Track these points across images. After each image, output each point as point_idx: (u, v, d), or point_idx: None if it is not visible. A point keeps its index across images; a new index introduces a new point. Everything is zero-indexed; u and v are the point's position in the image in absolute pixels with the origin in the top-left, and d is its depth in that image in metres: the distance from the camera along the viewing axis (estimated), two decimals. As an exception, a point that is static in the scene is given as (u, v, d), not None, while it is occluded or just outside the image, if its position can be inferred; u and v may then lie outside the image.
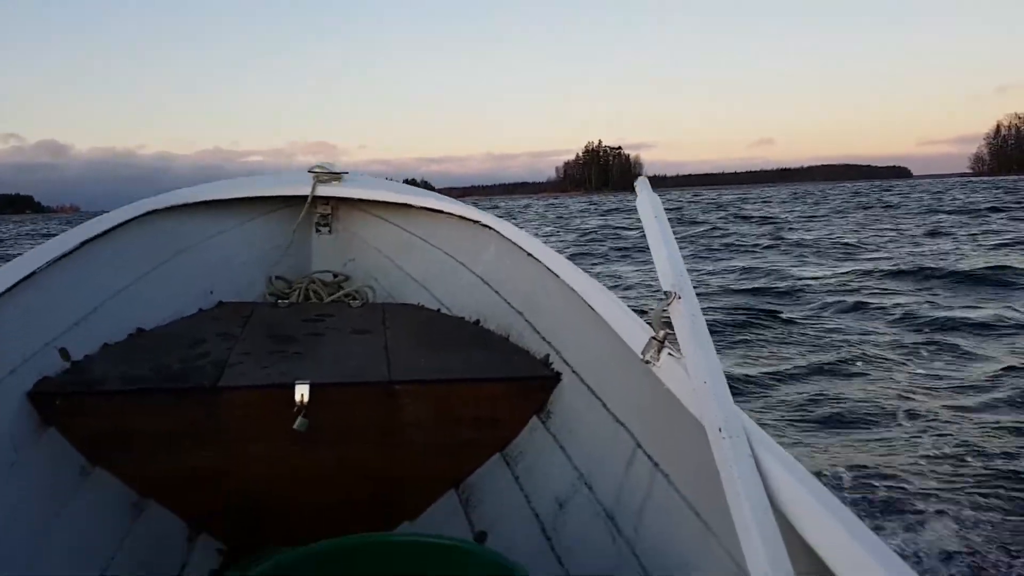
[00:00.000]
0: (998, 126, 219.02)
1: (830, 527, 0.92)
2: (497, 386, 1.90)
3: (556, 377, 1.91)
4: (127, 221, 2.35)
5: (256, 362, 1.93)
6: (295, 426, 1.75)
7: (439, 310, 2.60)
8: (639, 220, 1.58)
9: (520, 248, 2.32)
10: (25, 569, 1.41)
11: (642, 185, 1.59)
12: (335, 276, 2.87)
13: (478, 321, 2.40)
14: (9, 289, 1.73)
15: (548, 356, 1.99)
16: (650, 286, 9.32)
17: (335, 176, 2.90)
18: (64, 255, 1.99)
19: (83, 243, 2.10)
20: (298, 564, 1.27)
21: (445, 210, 2.75)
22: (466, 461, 1.94)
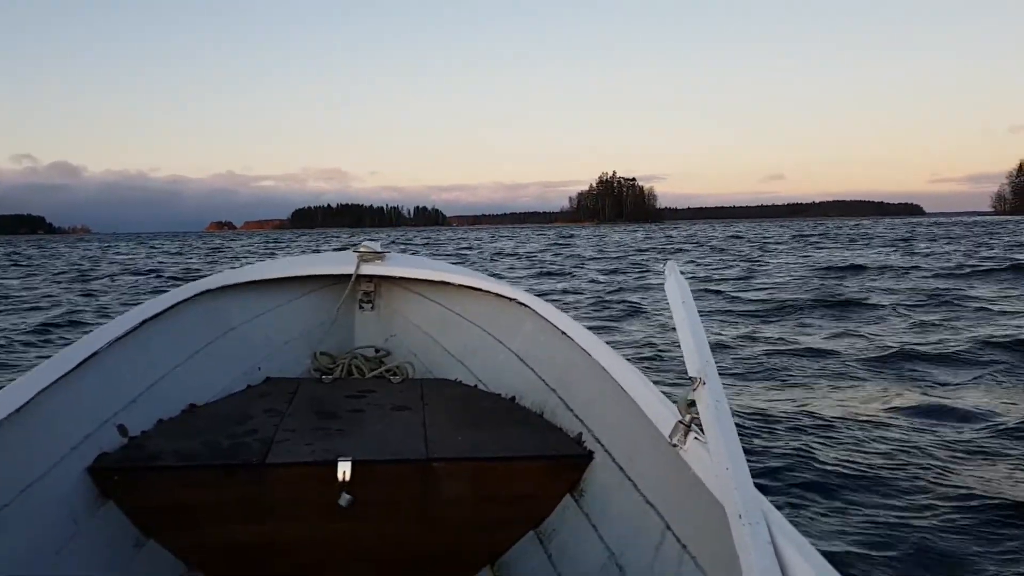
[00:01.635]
0: (1021, 164, 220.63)
1: None
2: (532, 464, 1.95)
3: (589, 455, 1.95)
4: (182, 301, 2.46)
5: (301, 439, 2.01)
6: (339, 502, 1.83)
7: (476, 386, 2.66)
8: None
9: (554, 326, 2.39)
10: None
11: (671, 269, 1.64)
12: (377, 351, 2.95)
13: (514, 398, 2.45)
14: (74, 369, 1.83)
15: (581, 435, 2.03)
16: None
17: (378, 255, 3.02)
18: (125, 334, 2.10)
19: (142, 322, 2.21)
20: None
21: (483, 288, 2.83)
22: (501, 539, 1.98)
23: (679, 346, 1.48)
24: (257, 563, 1.88)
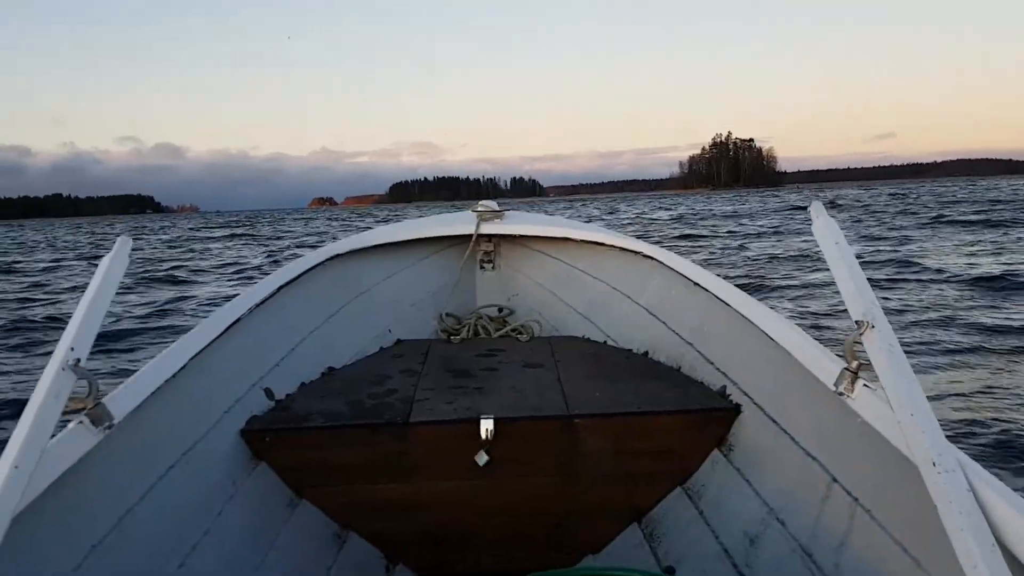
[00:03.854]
0: None
1: None
2: (674, 418, 1.90)
3: (736, 409, 1.89)
4: (315, 266, 2.52)
5: (440, 397, 2.02)
6: (476, 459, 1.83)
7: (605, 342, 2.63)
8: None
9: (686, 278, 2.32)
10: None
11: (818, 211, 1.55)
12: (500, 311, 2.97)
13: (647, 353, 2.41)
14: (221, 334, 1.89)
15: (725, 388, 1.97)
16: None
17: (496, 214, 3.02)
18: (264, 300, 2.16)
19: (279, 288, 2.26)
20: None
21: (606, 242, 2.79)
22: (646, 494, 1.95)
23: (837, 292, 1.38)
24: (404, 521, 1.92)
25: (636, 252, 2.65)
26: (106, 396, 1.38)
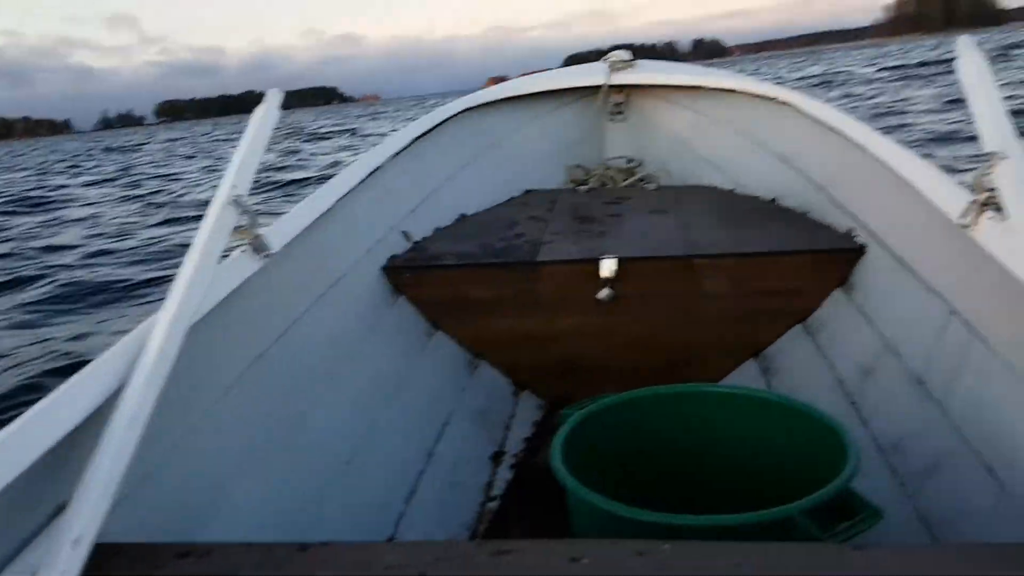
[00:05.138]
0: None
1: None
2: (796, 258, 1.92)
3: (860, 250, 1.88)
4: (448, 118, 2.65)
5: (566, 240, 2.15)
6: (599, 296, 1.95)
7: (733, 191, 2.63)
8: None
9: (821, 122, 2.26)
10: (392, 406, 1.76)
11: (965, 44, 1.51)
12: (629, 162, 3.00)
13: (774, 200, 2.40)
14: (362, 181, 2.06)
15: (852, 229, 1.96)
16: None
17: (628, 64, 3.00)
18: (400, 151, 2.32)
19: (414, 140, 2.42)
20: (634, 402, 1.45)
21: (739, 89, 2.73)
22: (765, 332, 2.00)
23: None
24: (531, 352, 2.09)
25: (771, 98, 2.58)
26: (264, 228, 1.51)
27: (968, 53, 1.47)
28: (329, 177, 2.02)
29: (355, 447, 1.57)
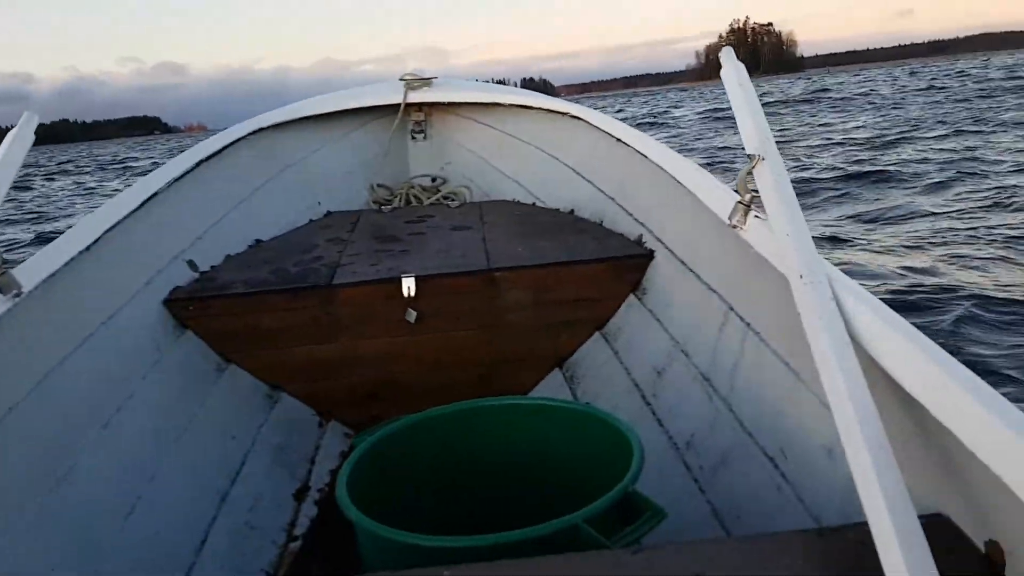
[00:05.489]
0: None
1: (909, 355, 0.92)
2: (593, 267, 1.98)
3: (649, 255, 1.97)
4: (237, 140, 2.51)
5: (365, 261, 2.09)
6: (407, 317, 1.91)
7: (534, 204, 2.69)
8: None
9: (609, 135, 2.36)
10: (176, 451, 1.61)
11: (727, 56, 1.61)
12: (433, 180, 2.99)
13: (572, 210, 2.47)
14: (138, 208, 1.90)
15: (641, 236, 2.05)
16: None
17: (425, 82, 2.99)
18: (183, 175, 2.16)
19: (199, 163, 2.26)
20: (432, 422, 1.40)
21: (535, 105, 2.81)
22: (567, 340, 2.05)
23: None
24: (334, 379, 2.00)
25: (563, 113, 2.68)
26: (15, 267, 1.39)
27: (730, 63, 1.56)
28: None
29: (136, 497, 1.44)
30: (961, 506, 0.89)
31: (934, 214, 5.74)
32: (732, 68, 1.55)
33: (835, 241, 5.18)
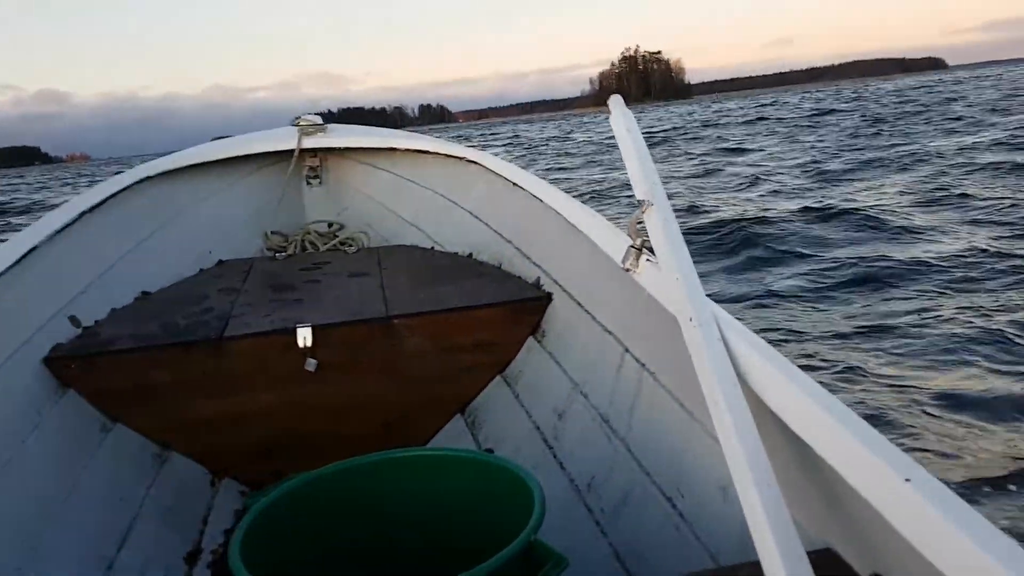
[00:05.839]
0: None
1: (793, 395, 0.97)
2: (492, 311, 1.99)
3: (548, 297, 2.00)
4: (121, 190, 2.42)
5: (258, 311, 2.02)
6: (306, 367, 1.85)
7: (433, 248, 2.68)
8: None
9: (506, 179, 2.39)
10: (59, 518, 1.52)
11: (615, 103, 1.64)
12: (330, 226, 2.95)
13: (471, 254, 2.47)
14: (16, 263, 1.80)
15: (539, 279, 2.07)
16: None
17: (320, 128, 2.96)
18: (64, 227, 2.06)
19: (81, 214, 2.16)
20: (330, 477, 1.36)
21: (431, 150, 2.81)
22: (469, 386, 2.04)
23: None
24: (228, 435, 1.91)
25: (460, 158, 2.70)
26: None
27: (618, 109, 1.60)
28: None
29: (15, 570, 1.35)
30: (847, 540, 0.93)
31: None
32: (620, 115, 1.58)
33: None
